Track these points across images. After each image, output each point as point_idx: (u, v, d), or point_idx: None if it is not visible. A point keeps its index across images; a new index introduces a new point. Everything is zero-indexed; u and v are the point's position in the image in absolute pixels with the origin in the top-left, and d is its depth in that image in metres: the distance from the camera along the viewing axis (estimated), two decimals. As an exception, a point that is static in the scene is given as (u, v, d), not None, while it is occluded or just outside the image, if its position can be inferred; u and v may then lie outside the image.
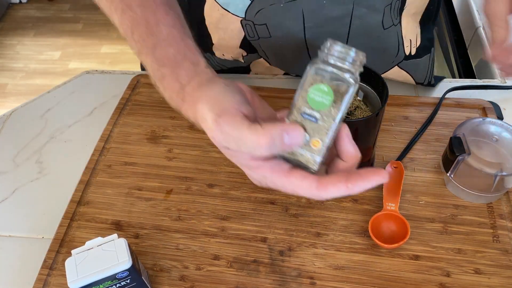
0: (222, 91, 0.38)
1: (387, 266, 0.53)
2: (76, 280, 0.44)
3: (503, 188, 0.56)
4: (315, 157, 0.36)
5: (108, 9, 0.47)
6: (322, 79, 0.34)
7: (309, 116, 0.36)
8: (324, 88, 0.34)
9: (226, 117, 0.36)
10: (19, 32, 2.61)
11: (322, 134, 0.36)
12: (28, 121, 0.73)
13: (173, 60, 0.43)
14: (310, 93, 0.35)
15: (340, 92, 0.34)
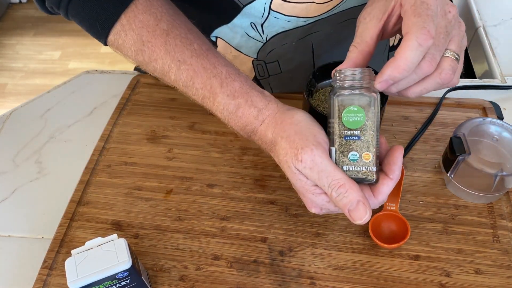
0: (308, 121, 0.44)
1: (387, 266, 0.53)
2: (76, 280, 0.44)
3: (503, 188, 0.56)
4: (370, 168, 0.41)
5: (161, 70, 0.50)
6: (348, 103, 0.40)
7: (351, 137, 0.40)
8: (354, 108, 0.39)
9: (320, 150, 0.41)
10: (19, 32, 2.61)
11: (368, 146, 0.41)
12: (28, 121, 0.73)
13: (243, 91, 0.48)
14: (344, 117, 0.40)
15: (366, 105, 0.40)
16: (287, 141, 0.43)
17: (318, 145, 0.41)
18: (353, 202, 0.41)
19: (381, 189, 0.43)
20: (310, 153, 0.41)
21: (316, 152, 0.41)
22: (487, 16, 0.86)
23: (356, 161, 0.41)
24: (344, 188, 0.41)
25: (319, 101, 0.54)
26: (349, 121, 0.40)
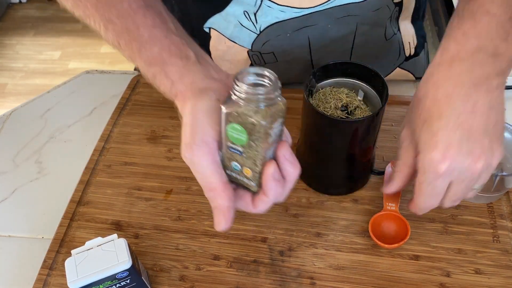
0: (209, 113, 0.39)
1: (387, 266, 0.53)
2: (76, 280, 0.44)
3: (503, 188, 0.56)
4: (251, 182, 0.41)
5: (93, 26, 0.48)
6: (234, 119, 0.37)
7: (234, 150, 0.39)
8: (237, 127, 0.37)
9: (202, 150, 0.39)
10: (19, 32, 2.61)
11: (250, 164, 0.39)
12: (28, 121, 0.73)
13: (160, 58, 0.43)
14: (228, 131, 0.38)
15: (251, 129, 0.37)
16: (183, 128, 0.41)
17: (201, 144, 0.39)
18: (219, 208, 0.42)
19: (257, 202, 0.42)
20: (190, 152, 0.40)
21: (196, 153, 0.39)
22: (487, 16, 0.86)
23: (238, 171, 0.41)
24: (213, 192, 0.41)
25: (319, 101, 0.54)
26: (232, 136, 0.38)
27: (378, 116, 0.51)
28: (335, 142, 0.53)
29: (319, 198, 0.59)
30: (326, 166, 0.57)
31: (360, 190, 0.60)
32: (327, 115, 0.50)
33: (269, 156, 0.39)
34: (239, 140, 0.38)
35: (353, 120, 0.50)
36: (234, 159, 0.40)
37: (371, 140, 0.54)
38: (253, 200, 0.42)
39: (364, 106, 0.54)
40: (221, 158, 0.41)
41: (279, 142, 0.40)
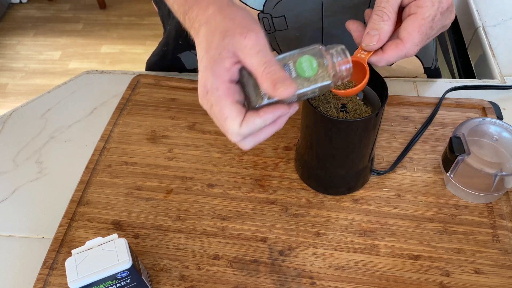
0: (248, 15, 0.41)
1: (387, 266, 0.53)
2: (76, 280, 0.44)
3: (503, 188, 0.56)
4: (264, 100, 0.40)
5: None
6: (317, 58, 0.40)
7: (288, 70, 0.40)
8: (314, 64, 0.40)
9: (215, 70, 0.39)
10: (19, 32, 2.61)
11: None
12: (28, 121, 0.73)
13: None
14: (304, 59, 0.40)
15: (319, 76, 0.40)
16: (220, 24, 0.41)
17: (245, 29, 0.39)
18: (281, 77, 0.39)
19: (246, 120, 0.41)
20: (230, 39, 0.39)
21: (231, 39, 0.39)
22: (487, 16, 0.86)
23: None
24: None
25: (319, 101, 0.54)
26: (301, 63, 0.40)
27: (378, 116, 0.51)
28: (335, 142, 0.53)
29: (319, 198, 0.59)
30: (326, 166, 0.57)
31: (360, 190, 0.60)
32: (327, 115, 0.50)
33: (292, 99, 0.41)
34: (302, 71, 0.40)
35: (353, 120, 0.50)
36: None
37: (371, 140, 0.54)
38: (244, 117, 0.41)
39: (364, 106, 0.54)
40: None
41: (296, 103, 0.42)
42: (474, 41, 0.87)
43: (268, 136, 0.42)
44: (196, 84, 0.73)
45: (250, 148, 0.42)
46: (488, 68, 0.79)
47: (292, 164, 0.63)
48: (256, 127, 0.41)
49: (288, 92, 0.38)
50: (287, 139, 0.66)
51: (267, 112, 0.40)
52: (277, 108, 0.40)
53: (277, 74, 0.38)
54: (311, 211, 0.58)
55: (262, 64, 0.39)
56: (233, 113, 0.40)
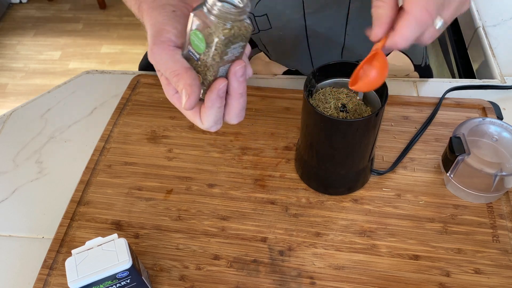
0: (166, 20, 0.44)
1: (387, 266, 0.53)
2: (76, 280, 0.44)
3: (503, 188, 0.56)
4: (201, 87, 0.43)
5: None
6: (198, 28, 0.40)
7: (193, 54, 0.42)
8: (200, 35, 0.40)
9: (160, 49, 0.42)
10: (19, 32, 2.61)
11: (203, 71, 0.42)
12: (28, 121, 0.73)
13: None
14: (191, 36, 0.41)
15: (211, 40, 0.40)
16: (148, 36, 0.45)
17: (160, 44, 0.43)
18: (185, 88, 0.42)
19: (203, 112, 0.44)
20: (151, 53, 0.43)
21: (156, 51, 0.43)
22: (487, 16, 0.86)
23: None
24: (177, 77, 0.42)
25: (319, 101, 0.54)
26: (193, 42, 0.41)
27: (378, 116, 0.51)
28: (335, 142, 0.53)
29: (319, 198, 0.59)
30: (326, 166, 0.57)
31: (360, 190, 0.60)
32: (327, 115, 0.50)
33: (222, 72, 0.42)
34: (198, 47, 0.41)
35: (353, 120, 0.50)
36: (191, 63, 0.43)
37: (371, 140, 0.54)
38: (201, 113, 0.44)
39: (364, 106, 0.54)
40: (183, 56, 0.43)
41: (236, 61, 0.42)
42: (474, 41, 0.87)
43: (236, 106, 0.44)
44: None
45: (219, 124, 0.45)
46: (488, 68, 0.79)
47: (292, 164, 0.63)
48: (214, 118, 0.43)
49: (188, 106, 0.42)
50: (287, 139, 0.66)
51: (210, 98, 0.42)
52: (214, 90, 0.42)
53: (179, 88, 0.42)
54: (311, 211, 0.58)
55: (171, 78, 0.43)
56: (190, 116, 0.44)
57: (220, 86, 0.41)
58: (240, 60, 0.42)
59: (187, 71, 0.42)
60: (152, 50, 0.43)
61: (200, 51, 0.41)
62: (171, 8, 0.44)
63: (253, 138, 0.66)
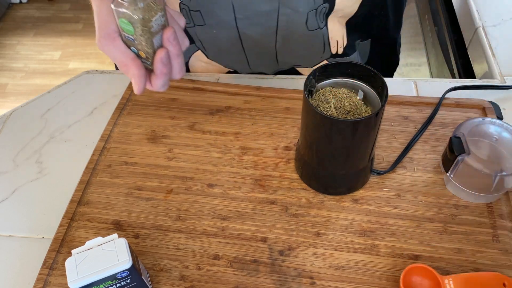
0: (109, 11, 0.49)
1: (387, 266, 0.53)
2: (76, 280, 0.44)
3: (503, 188, 0.56)
4: (146, 62, 0.52)
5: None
6: (121, 15, 0.47)
7: (128, 38, 0.50)
8: (125, 21, 0.48)
9: (107, 41, 0.50)
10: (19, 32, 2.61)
11: (142, 48, 0.50)
12: (28, 121, 0.73)
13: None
14: (120, 24, 0.48)
15: (134, 22, 0.47)
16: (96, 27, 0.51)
17: (106, 36, 0.50)
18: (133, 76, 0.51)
19: (152, 81, 0.52)
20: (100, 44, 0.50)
21: (104, 43, 0.50)
22: (487, 16, 0.86)
23: (136, 54, 0.51)
24: (126, 67, 0.51)
25: (319, 101, 0.54)
26: (124, 28, 0.48)
27: (378, 116, 0.51)
28: (335, 142, 0.53)
29: (319, 198, 0.59)
30: (326, 166, 0.57)
31: (360, 190, 0.60)
32: (327, 115, 0.50)
33: (158, 42, 0.50)
34: (129, 31, 0.48)
35: (353, 120, 0.50)
36: (130, 45, 0.50)
37: (371, 140, 0.54)
38: (151, 79, 0.53)
39: (364, 106, 0.54)
40: (123, 41, 0.51)
41: (165, 29, 0.50)
42: (474, 41, 0.87)
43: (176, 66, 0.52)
44: (196, 84, 0.74)
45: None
46: (488, 68, 0.79)
47: (292, 164, 0.63)
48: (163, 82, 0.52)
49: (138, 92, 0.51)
50: (287, 139, 0.66)
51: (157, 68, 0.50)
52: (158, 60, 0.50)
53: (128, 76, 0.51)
54: (311, 211, 0.58)
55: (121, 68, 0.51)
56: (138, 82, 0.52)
57: (162, 55, 0.49)
58: (168, 27, 0.50)
59: (133, 61, 0.50)
60: (101, 42, 0.50)
61: (132, 33, 0.49)
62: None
63: (253, 138, 0.66)
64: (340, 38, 0.73)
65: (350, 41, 0.75)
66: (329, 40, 0.73)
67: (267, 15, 0.68)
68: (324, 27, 0.70)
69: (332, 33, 0.72)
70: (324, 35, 0.72)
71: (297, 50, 0.74)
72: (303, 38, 0.71)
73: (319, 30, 0.70)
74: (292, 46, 0.72)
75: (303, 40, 0.72)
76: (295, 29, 0.70)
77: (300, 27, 0.69)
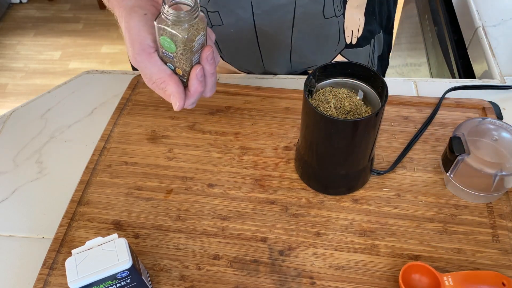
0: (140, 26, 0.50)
1: (387, 266, 0.53)
2: (76, 280, 0.44)
3: (503, 188, 0.56)
4: (182, 78, 0.53)
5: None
6: (164, 33, 0.48)
7: (167, 55, 0.50)
8: (167, 39, 0.48)
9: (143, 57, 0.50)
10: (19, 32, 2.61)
11: (180, 65, 0.51)
12: (28, 121, 0.73)
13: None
14: (161, 41, 0.49)
15: (177, 41, 0.48)
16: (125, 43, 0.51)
17: (141, 52, 0.50)
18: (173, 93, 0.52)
19: (188, 94, 0.53)
20: (135, 61, 0.51)
21: (139, 59, 0.50)
22: (487, 16, 0.87)
23: (173, 69, 0.52)
24: (164, 84, 0.51)
25: (319, 101, 0.54)
26: (165, 45, 0.49)
27: (378, 116, 0.51)
28: (335, 142, 0.53)
29: (319, 198, 0.59)
30: (326, 166, 0.57)
31: (360, 190, 0.60)
32: (327, 115, 0.50)
33: (196, 59, 0.52)
34: (170, 49, 0.49)
35: (353, 120, 0.50)
36: (168, 61, 0.51)
37: (371, 140, 0.54)
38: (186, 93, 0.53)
39: (364, 106, 0.54)
40: (160, 56, 0.51)
41: (204, 48, 0.51)
42: (474, 41, 0.87)
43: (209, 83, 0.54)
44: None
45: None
46: (488, 68, 0.79)
47: (292, 164, 0.63)
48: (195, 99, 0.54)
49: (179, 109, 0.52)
50: (287, 139, 0.66)
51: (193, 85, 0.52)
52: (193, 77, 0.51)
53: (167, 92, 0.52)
54: (311, 211, 0.58)
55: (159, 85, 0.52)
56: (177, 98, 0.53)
57: (197, 71, 0.51)
58: (207, 46, 0.51)
59: (171, 78, 0.51)
60: (136, 59, 0.50)
61: (172, 51, 0.49)
62: (142, 12, 0.50)
63: (253, 138, 0.66)
64: (355, 28, 0.74)
65: (365, 32, 0.76)
66: (344, 29, 0.73)
67: (285, 8, 0.68)
68: (341, 16, 0.71)
69: (348, 22, 0.73)
70: (339, 23, 0.72)
71: (312, 43, 0.74)
72: (319, 28, 0.72)
73: (335, 18, 0.71)
74: (308, 39, 0.73)
75: (318, 31, 0.72)
76: (312, 19, 0.70)
77: (316, 17, 0.70)
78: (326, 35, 0.74)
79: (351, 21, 0.73)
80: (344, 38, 0.75)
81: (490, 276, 0.50)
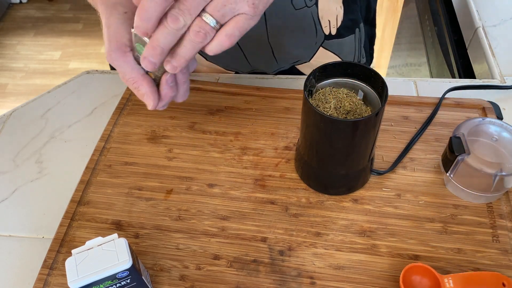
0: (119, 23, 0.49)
1: (387, 266, 0.53)
2: (76, 280, 0.44)
3: (503, 188, 0.56)
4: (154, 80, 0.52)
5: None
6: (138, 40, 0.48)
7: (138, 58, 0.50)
8: (141, 45, 0.48)
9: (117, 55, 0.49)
10: (19, 32, 2.61)
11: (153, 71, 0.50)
12: (28, 121, 0.73)
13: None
14: (136, 47, 0.49)
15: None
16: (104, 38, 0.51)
17: (117, 50, 0.49)
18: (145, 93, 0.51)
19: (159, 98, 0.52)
20: (110, 57, 0.50)
21: (114, 56, 0.50)
22: (487, 16, 0.87)
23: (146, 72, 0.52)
24: (136, 83, 0.51)
25: (319, 101, 0.54)
26: (139, 50, 0.49)
27: (378, 116, 0.51)
28: (335, 142, 0.53)
29: (319, 198, 0.59)
30: (326, 166, 0.57)
31: (360, 190, 0.60)
32: (327, 115, 0.50)
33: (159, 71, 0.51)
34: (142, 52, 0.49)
35: (353, 120, 0.50)
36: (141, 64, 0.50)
37: (371, 140, 0.54)
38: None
39: (364, 106, 0.54)
40: (135, 58, 0.51)
41: None
42: (474, 41, 0.87)
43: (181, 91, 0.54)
44: (196, 84, 0.74)
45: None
46: (488, 68, 0.79)
47: (292, 164, 0.63)
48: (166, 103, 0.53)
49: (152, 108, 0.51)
50: (287, 139, 0.66)
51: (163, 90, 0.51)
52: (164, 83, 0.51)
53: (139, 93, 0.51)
54: (311, 211, 0.58)
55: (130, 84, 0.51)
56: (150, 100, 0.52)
57: (167, 78, 0.50)
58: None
59: (144, 78, 0.50)
60: (111, 56, 0.50)
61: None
62: (123, 9, 0.50)
63: (253, 138, 0.66)
64: (332, 17, 0.72)
65: (346, 21, 0.73)
66: (320, 19, 0.72)
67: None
68: (314, 6, 0.70)
69: (323, 12, 0.71)
70: (313, 14, 0.70)
71: (289, 37, 0.72)
72: (291, 20, 0.70)
73: (307, 8, 0.69)
74: (283, 33, 0.71)
75: (291, 23, 0.71)
76: (282, 12, 0.69)
77: (286, 8, 0.69)
78: (301, 27, 0.72)
79: (326, 11, 0.71)
80: (322, 29, 0.72)
81: (490, 276, 0.50)
